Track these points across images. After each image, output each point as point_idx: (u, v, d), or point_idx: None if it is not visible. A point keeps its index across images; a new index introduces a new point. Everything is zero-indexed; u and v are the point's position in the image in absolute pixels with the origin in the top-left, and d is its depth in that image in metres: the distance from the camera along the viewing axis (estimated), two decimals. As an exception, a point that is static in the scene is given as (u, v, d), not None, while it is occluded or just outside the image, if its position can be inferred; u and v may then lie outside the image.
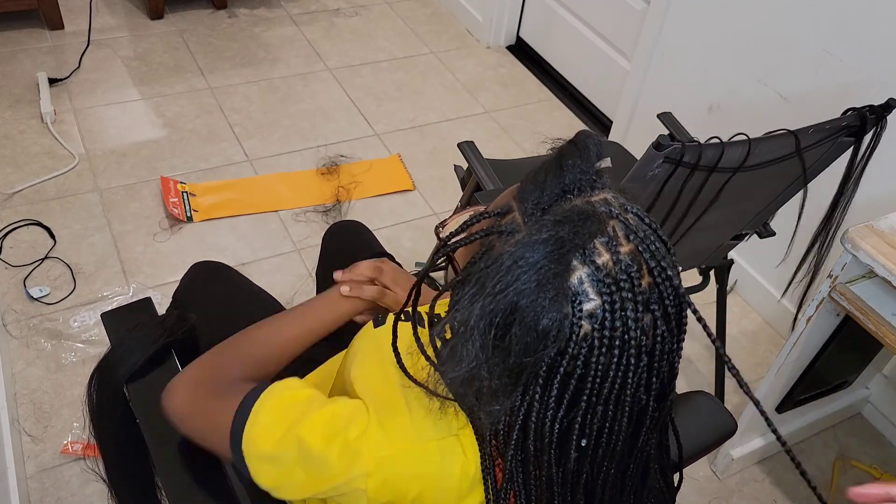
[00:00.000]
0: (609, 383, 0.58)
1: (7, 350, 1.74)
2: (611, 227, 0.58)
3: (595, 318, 0.57)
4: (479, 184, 1.59)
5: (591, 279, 0.56)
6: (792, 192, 1.42)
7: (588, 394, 0.58)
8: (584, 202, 0.60)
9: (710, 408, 1.05)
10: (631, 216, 0.60)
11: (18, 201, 2.11)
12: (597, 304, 0.57)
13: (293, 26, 3.03)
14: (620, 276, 0.57)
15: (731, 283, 2.17)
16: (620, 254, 0.57)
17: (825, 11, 1.71)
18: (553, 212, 0.60)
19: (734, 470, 1.75)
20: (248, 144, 2.42)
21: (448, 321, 0.61)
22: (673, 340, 0.60)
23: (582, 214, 0.58)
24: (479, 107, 2.77)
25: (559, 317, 0.56)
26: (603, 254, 0.57)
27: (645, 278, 0.58)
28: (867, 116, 1.24)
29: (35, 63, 2.60)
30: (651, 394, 0.60)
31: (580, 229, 0.57)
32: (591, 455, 0.61)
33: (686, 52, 2.15)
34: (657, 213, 1.24)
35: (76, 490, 1.52)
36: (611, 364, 0.57)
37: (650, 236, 0.59)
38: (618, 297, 0.56)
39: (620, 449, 0.62)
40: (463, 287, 0.60)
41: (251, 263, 2.04)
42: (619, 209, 0.60)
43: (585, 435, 0.60)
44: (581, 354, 0.57)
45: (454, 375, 0.60)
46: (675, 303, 0.59)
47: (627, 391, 0.59)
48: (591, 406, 0.59)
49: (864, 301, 1.28)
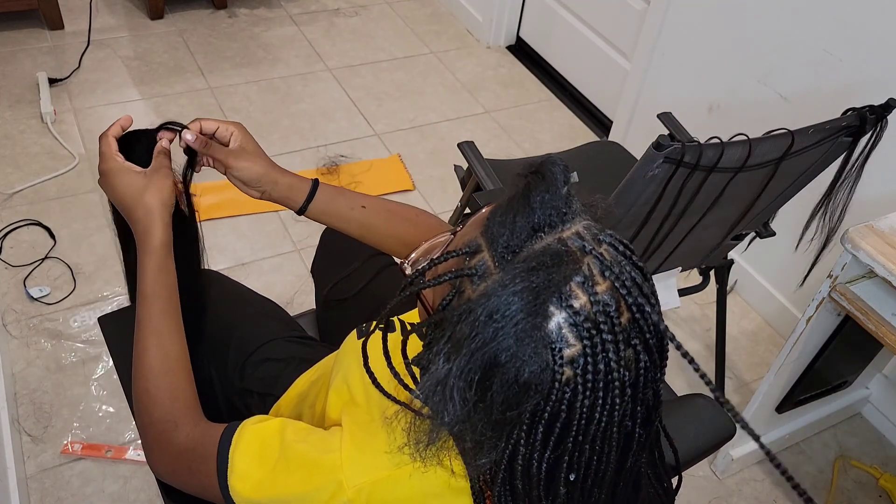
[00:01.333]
0: (595, 424, 0.57)
1: (7, 350, 1.74)
2: (585, 266, 0.56)
3: (576, 363, 0.55)
4: (479, 184, 1.59)
5: (570, 324, 0.55)
6: (792, 191, 1.42)
7: (574, 434, 0.57)
8: (555, 240, 0.57)
9: (708, 411, 1.05)
10: (605, 248, 0.58)
11: (18, 201, 2.11)
12: (577, 349, 0.55)
13: (293, 26, 3.03)
14: (599, 318, 0.55)
15: (731, 283, 2.17)
16: (597, 294, 0.55)
17: (825, 11, 1.71)
18: (524, 255, 0.57)
19: (734, 470, 1.75)
20: (248, 144, 2.41)
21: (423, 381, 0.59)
22: (656, 369, 0.59)
23: (555, 257, 0.56)
24: (479, 107, 2.77)
25: (540, 367, 0.54)
26: (580, 296, 0.55)
27: (624, 315, 0.56)
28: (867, 116, 1.24)
29: (35, 63, 2.60)
30: (637, 421, 0.59)
31: (554, 274, 0.55)
32: (581, 485, 0.60)
33: (686, 52, 2.15)
34: (657, 214, 1.24)
35: (76, 490, 1.52)
36: (595, 405, 0.56)
37: (626, 268, 0.57)
38: (598, 340, 0.55)
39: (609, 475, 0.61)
40: (436, 331, 0.59)
41: (251, 263, 2.04)
42: (592, 243, 0.57)
43: (574, 470, 0.59)
44: (564, 399, 0.56)
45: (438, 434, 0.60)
46: (655, 332, 0.58)
47: (614, 427, 0.57)
48: (578, 445, 0.58)
49: (864, 301, 1.28)
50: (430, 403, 0.57)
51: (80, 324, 1.82)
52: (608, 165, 1.88)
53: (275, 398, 1.05)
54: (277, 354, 1.12)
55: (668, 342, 0.59)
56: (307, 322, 1.35)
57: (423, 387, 0.58)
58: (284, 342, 1.15)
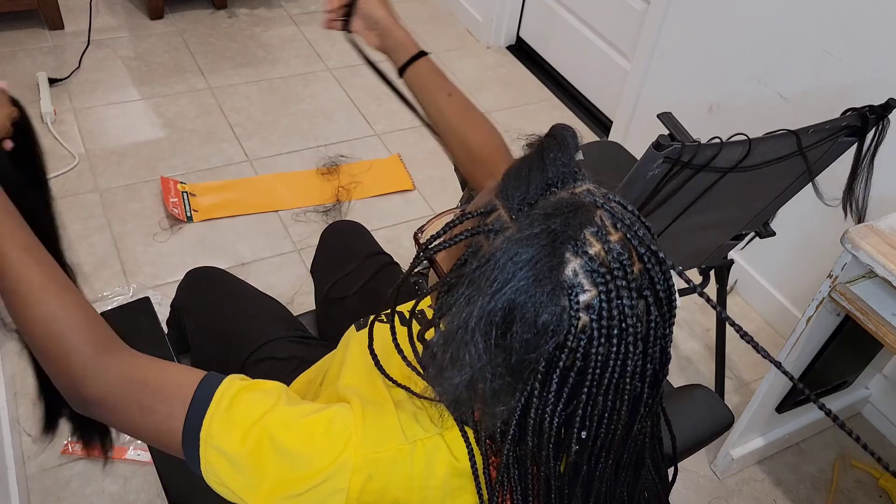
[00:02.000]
0: (609, 373, 0.58)
1: (7, 350, 1.74)
2: (598, 217, 0.58)
3: (592, 308, 0.57)
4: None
5: (585, 270, 0.56)
6: (792, 192, 1.42)
7: (588, 385, 0.58)
8: (569, 194, 0.60)
9: (707, 401, 1.05)
10: (615, 204, 0.60)
11: (18, 201, 2.11)
12: (593, 294, 0.57)
13: (293, 26, 3.03)
14: (613, 265, 0.57)
15: (731, 283, 2.17)
16: (611, 242, 0.57)
17: (825, 11, 1.71)
18: (541, 206, 0.60)
19: (734, 470, 1.75)
20: (248, 144, 2.42)
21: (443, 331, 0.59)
22: (665, 324, 0.60)
23: (570, 206, 0.58)
24: (479, 107, 2.76)
25: (557, 310, 0.56)
26: (594, 244, 0.57)
27: (636, 264, 0.58)
28: (867, 116, 1.24)
29: (35, 63, 2.60)
30: (646, 381, 0.60)
31: (570, 220, 0.57)
32: (590, 447, 0.61)
33: (686, 52, 2.15)
34: (657, 213, 1.24)
35: (76, 490, 1.52)
36: (610, 354, 0.57)
37: (635, 223, 0.59)
38: (613, 286, 0.57)
39: (618, 438, 0.62)
40: (453, 291, 0.60)
41: (251, 263, 2.04)
42: (602, 199, 0.60)
43: (586, 427, 0.60)
44: (580, 347, 0.57)
45: (458, 381, 0.59)
46: (664, 286, 0.60)
47: (626, 379, 0.59)
48: (592, 397, 0.59)
49: (864, 301, 1.28)
50: (451, 349, 0.58)
51: (80, 324, 1.82)
52: (608, 165, 1.89)
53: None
54: (279, 354, 1.12)
55: (675, 299, 0.61)
56: (307, 322, 1.35)
57: (443, 332, 0.59)
58: (286, 342, 1.15)
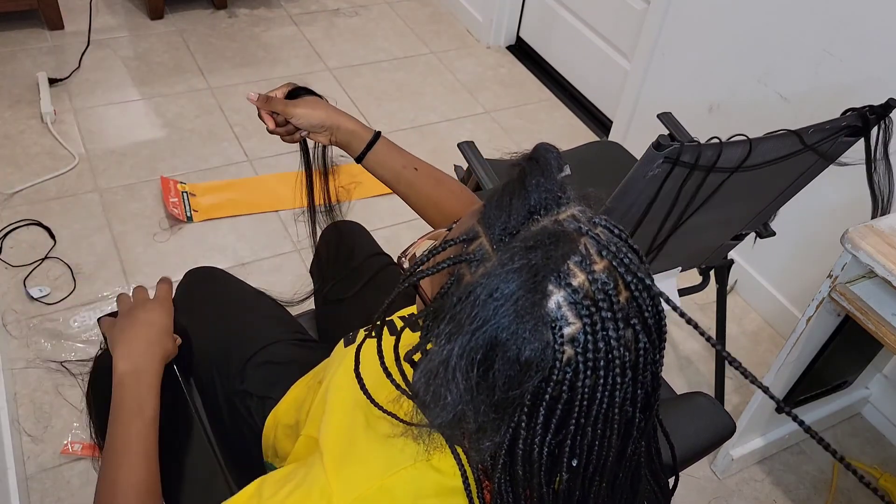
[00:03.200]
0: (597, 404, 0.57)
1: (7, 350, 1.74)
2: (582, 246, 0.57)
3: (577, 341, 0.55)
4: (478, 184, 1.60)
5: (569, 302, 0.55)
6: (792, 192, 1.42)
7: (576, 416, 0.57)
8: (551, 222, 0.58)
9: (708, 409, 1.05)
10: (601, 230, 0.58)
11: (18, 201, 2.11)
12: (577, 327, 0.55)
13: (293, 26, 3.03)
14: (598, 296, 0.55)
15: (731, 283, 2.17)
16: (595, 272, 0.56)
17: (825, 11, 1.71)
18: (522, 236, 0.58)
19: (734, 470, 1.75)
20: (248, 144, 2.42)
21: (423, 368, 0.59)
22: (655, 351, 0.59)
23: (552, 236, 0.56)
24: (479, 107, 2.77)
25: (541, 346, 0.55)
26: (578, 275, 0.55)
27: (622, 293, 0.57)
28: (867, 116, 1.24)
29: (35, 63, 2.60)
30: (637, 405, 0.59)
31: (552, 253, 0.55)
32: (582, 472, 0.60)
33: (686, 52, 2.15)
34: (658, 214, 1.24)
35: (76, 490, 1.52)
36: (597, 385, 0.56)
37: (622, 248, 0.58)
38: (598, 318, 0.55)
39: (611, 462, 0.61)
40: (435, 320, 0.59)
41: (251, 263, 2.04)
42: (587, 224, 0.58)
43: (576, 455, 0.59)
44: (566, 380, 0.56)
45: (440, 421, 0.58)
46: (653, 313, 0.58)
47: (615, 409, 0.57)
48: (581, 428, 0.58)
49: (864, 301, 1.28)
50: (432, 386, 0.57)
51: (80, 324, 1.82)
52: (608, 165, 1.89)
53: (274, 401, 1.05)
54: (279, 357, 1.12)
55: (665, 324, 0.60)
56: (306, 322, 1.35)
57: (424, 370, 0.58)
58: (286, 345, 1.15)
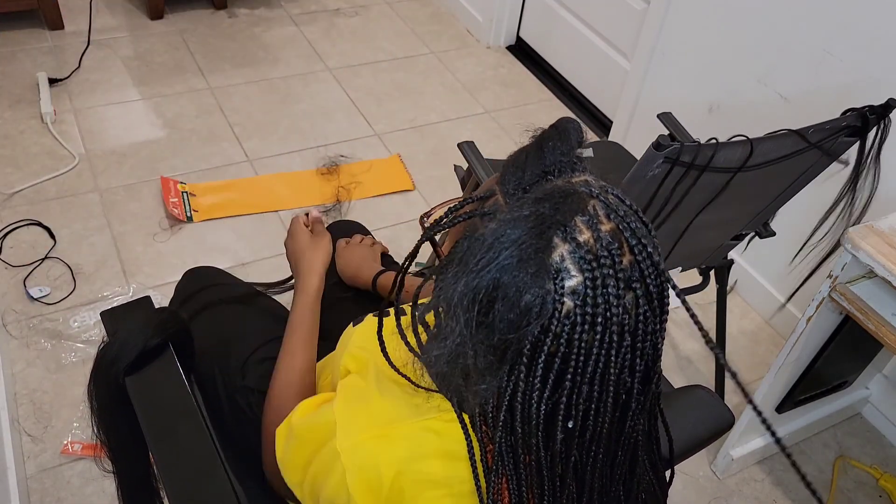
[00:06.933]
0: (593, 362, 0.58)
1: (7, 350, 1.74)
2: (591, 206, 0.59)
3: (577, 294, 0.57)
4: (479, 184, 1.60)
5: (573, 256, 0.57)
6: (792, 192, 1.42)
7: (572, 373, 0.58)
8: (564, 182, 0.61)
9: (707, 401, 1.05)
10: (611, 196, 0.60)
11: (18, 201, 2.11)
12: (579, 280, 0.57)
13: (293, 26, 3.03)
14: (601, 253, 0.57)
15: (731, 283, 2.17)
16: (601, 231, 0.58)
17: (825, 11, 1.71)
18: (534, 191, 0.61)
19: (734, 470, 1.75)
20: (248, 144, 2.42)
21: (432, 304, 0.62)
22: (655, 320, 0.60)
23: (562, 192, 0.59)
24: (479, 107, 2.77)
25: (541, 293, 0.56)
26: (584, 231, 0.57)
27: (626, 256, 0.58)
28: (867, 116, 1.24)
29: (35, 63, 2.60)
30: (636, 376, 0.60)
31: (561, 206, 0.58)
32: (578, 438, 0.61)
33: (686, 52, 2.15)
34: (657, 213, 1.24)
35: (76, 490, 1.52)
36: (594, 342, 0.57)
37: (630, 215, 0.60)
38: (599, 274, 0.57)
39: (608, 433, 0.62)
40: (446, 269, 0.61)
41: (251, 263, 2.04)
42: (599, 189, 0.60)
43: (571, 416, 0.60)
44: (564, 332, 0.57)
45: (438, 353, 0.61)
46: (656, 281, 0.59)
47: (611, 370, 0.59)
48: (576, 385, 0.59)
49: (864, 301, 1.28)
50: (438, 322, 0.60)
51: (80, 324, 1.82)
52: (608, 165, 1.88)
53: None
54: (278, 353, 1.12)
55: (668, 294, 0.61)
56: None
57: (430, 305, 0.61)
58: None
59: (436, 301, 0.61)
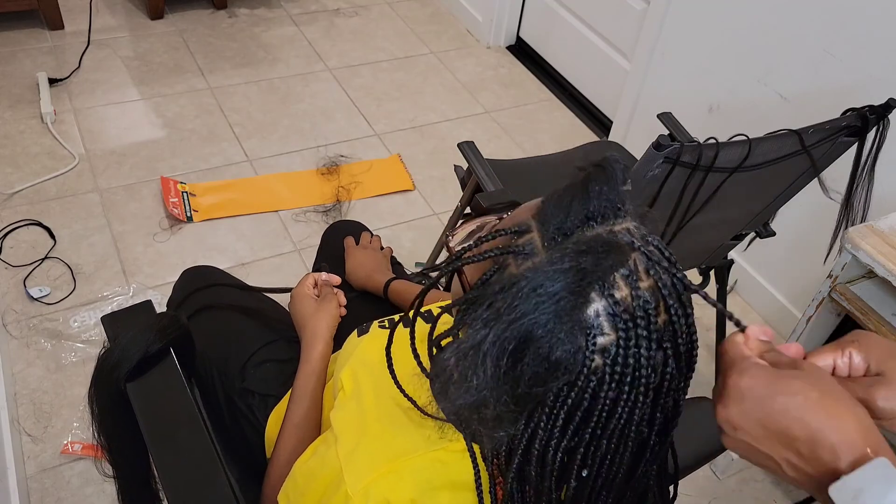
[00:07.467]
0: (616, 418, 0.57)
1: (7, 350, 1.74)
2: (632, 261, 0.56)
3: (608, 353, 0.55)
4: (479, 184, 1.59)
5: (608, 313, 0.55)
6: (792, 192, 1.42)
7: (594, 427, 0.57)
8: (606, 231, 0.58)
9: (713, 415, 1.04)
10: (652, 248, 0.58)
11: (18, 201, 2.11)
12: (611, 339, 0.55)
13: (293, 26, 3.03)
14: (638, 313, 0.55)
15: (731, 283, 2.17)
16: (640, 289, 0.56)
17: (825, 11, 1.71)
18: (575, 239, 0.58)
19: (734, 470, 1.75)
20: (248, 144, 2.42)
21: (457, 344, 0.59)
22: (681, 378, 0.59)
23: (605, 245, 0.56)
24: (479, 107, 2.77)
25: (573, 349, 0.55)
26: (622, 288, 0.55)
27: (661, 315, 0.57)
28: (867, 116, 1.24)
29: (35, 63, 2.60)
30: (654, 428, 0.60)
31: (602, 261, 0.55)
32: (591, 484, 0.61)
33: (686, 52, 2.15)
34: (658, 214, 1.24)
35: (76, 490, 1.52)
36: (619, 399, 0.56)
37: (670, 271, 0.58)
38: (633, 334, 0.55)
39: (620, 480, 0.61)
40: (474, 306, 0.59)
41: (251, 263, 2.04)
42: (640, 241, 0.58)
43: (587, 466, 0.59)
44: (590, 388, 0.56)
45: (462, 402, 0.58)
46: (687, 341, 0.58)
47: (632, 426, 0.58)
48: (596, 439, 0.58)
49: (864, 301, 1.28)
50: (460, 367, 0.57)
51: (80, 324, 1.82)
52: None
53: (276, 399, 1.06)
54: (279, 355, 1.12)
55: (696, 356, 0.60)
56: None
57: (456, 350, 0.58)
58: (286, 343, 1.15)
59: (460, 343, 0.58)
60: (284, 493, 0.80)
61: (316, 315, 1.07)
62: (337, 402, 0.79)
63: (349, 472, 0.69)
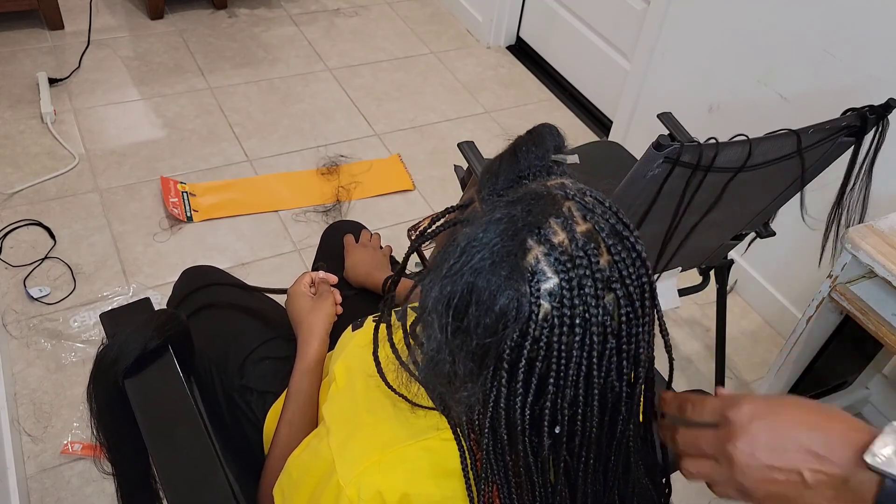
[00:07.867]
0: (575, 365, 0.57)
1: (7, 350, 1.74)
2: (566, 208, 0.58)
3: (554, 296, 0.56)
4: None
5: (548, 258, 0.56)
6: (793, 191, 1.42)
7: (554, 377, 0.58)
8: (539, 185, 0.61)
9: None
10: (589, 198, 0.59)
11: (18, 201, 2.11)
12: (554, 282, 0.56)
13: (293, 26, 3.03)
14: (577, 254, 0.56)
15: (731, 283, 2.17)
16: (576, 232, 0.57)
17: (825, 12, 1.71)
18: (509, 196, 0.60)
19: (734, 470, 1.75)
20: (248, 144, 2.42)
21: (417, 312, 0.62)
22: (639, 322, 0.59)
23: (536, 195, 0.58)
24: (479, 107, 2.77)
25: (516, 296, 0.56)
26: (559, 233, 0.57)
27: (603, 256, 0.57)
28: (867, 116, 1.24)
29: (35, 63, 2.60)
30: (623, 379, 0.60)
31: (534, 208, 0.57)
32: (567, 444, 0.61)
33: (686, 52, 2.15)
34: (657, 214, 1.24)
35: (76, 490, 1.52)
36: (573, 344, 0.57)
37: (609, 215, 0.59)
38: (575, 275, 0.56)
39: (598, 438, 0.61)
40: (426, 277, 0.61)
41: (251, 263, 2.04)
42: (575, 191, 0.60)
43: (557, 421, 0.59)
44: (543, 336, 0.56)
45: (425, 369, 0.61)
46: (637, 282, 0.59)
47: (594, 373, 0.58)
48: (560, 390, 0.58)
49: (864, 301, 1.28)
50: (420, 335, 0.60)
51: (80, 324, 1.82)
52: (608, 165, 1.88)
53: (274, 396, 1.06)
54: (277, 353, 1.12)
55: (653, 295, 0.60)
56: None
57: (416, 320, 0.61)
58: (285, 341, 1.15)
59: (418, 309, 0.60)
60: (279, 487, 0.80)
61: (312, 313, 1.08)
62: (330, 396, 0.80)
63: (341, 463, 0.70)
